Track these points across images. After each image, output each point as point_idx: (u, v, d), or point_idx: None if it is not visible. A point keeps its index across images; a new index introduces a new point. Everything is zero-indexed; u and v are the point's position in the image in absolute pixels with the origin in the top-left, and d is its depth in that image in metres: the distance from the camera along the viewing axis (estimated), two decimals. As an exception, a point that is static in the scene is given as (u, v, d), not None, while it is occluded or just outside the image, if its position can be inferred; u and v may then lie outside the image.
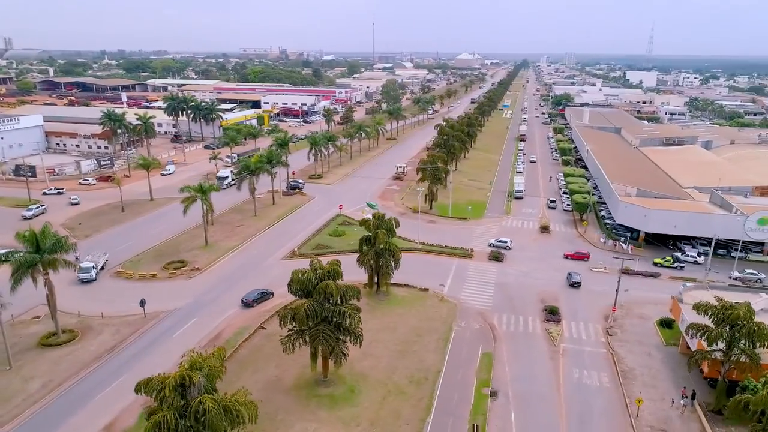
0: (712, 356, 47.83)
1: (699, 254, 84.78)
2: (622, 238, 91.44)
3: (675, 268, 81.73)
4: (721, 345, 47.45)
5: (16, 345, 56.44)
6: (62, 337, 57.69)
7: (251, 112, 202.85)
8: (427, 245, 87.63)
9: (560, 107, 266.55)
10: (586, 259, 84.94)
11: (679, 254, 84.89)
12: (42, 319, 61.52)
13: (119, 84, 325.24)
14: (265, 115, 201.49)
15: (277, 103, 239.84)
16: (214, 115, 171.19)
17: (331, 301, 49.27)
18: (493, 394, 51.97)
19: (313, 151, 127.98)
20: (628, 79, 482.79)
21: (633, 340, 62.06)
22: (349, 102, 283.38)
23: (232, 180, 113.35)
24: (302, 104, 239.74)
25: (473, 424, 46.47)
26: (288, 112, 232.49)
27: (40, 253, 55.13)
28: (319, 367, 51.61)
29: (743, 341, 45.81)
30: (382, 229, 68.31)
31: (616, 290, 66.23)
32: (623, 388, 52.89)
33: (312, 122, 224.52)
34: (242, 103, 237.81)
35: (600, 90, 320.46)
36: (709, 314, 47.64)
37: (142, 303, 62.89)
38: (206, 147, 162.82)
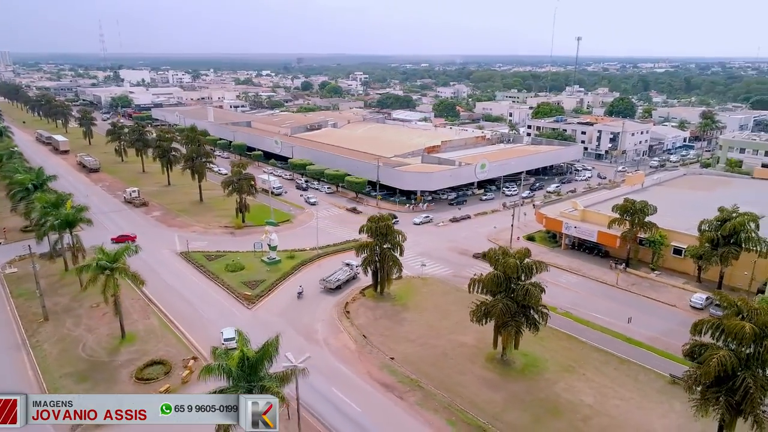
0: (628, 236, 79.95)
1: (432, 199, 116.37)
2: (413, 200, 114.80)
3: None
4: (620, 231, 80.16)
5: None
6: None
7: None
8: (324, 247, 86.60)
9: (130, 109, 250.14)
10: (132, 241, 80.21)
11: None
12: None
13: None
14: None
15: None
16: None
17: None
18: (569, 314, 68.40)
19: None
20: (123, 78, 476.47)
21: (537, 254, 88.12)
22: None
23: None
24: None
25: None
26: None
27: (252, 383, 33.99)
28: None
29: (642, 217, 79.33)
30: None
31: (512, 225, 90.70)
32: (587, 276, 79.39)
33: None
34: None
35: (147, 90, 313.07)
36: (619, 209, 78.87)
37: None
38: None
